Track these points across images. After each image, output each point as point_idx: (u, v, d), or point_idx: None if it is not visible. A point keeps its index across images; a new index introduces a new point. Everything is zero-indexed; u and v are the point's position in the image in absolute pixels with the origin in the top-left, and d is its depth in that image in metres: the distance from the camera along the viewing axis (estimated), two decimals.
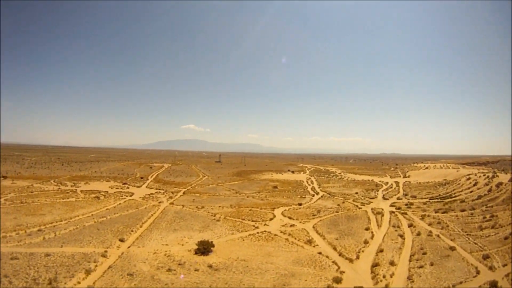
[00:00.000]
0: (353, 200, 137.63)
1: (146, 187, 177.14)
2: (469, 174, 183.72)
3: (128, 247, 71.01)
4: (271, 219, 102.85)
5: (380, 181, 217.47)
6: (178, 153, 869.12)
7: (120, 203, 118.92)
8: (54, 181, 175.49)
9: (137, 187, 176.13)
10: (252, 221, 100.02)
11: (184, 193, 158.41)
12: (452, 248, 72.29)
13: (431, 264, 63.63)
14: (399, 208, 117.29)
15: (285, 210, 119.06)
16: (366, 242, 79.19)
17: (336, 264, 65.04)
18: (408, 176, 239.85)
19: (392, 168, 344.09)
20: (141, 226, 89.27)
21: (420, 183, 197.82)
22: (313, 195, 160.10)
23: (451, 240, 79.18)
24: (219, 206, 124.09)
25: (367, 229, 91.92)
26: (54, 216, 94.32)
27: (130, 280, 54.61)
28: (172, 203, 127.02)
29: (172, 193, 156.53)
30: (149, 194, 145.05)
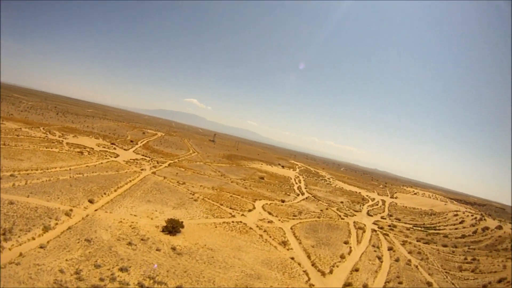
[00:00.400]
0: (337, 209, 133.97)
1: (133, 151, 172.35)
2: (456, 211, 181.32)
3: (95, 210, 67.26)
4: (250, 210, 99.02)
5: (367, 195, 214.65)
6: (175, 125, 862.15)
7: (102, 163, 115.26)
8: (43, 128, 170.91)
9: (124, 149, 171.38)
10: (230, 208, 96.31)
11: (169, 165, 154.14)
12: (429, 284, 68.71)
13: None
14: (381, 228, 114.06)
15: (267, 204, 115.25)
16: (342, 256, 75.51)
17: (307, 274, 60.96)
18: (396, 198, 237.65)
19: (381, 186, 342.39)
20: (115, 190, 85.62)
21: (406, 207, 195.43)
22: (298, 195, 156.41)
23: (429, 274, 75.22)
24: (201, 186, 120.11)
25: (346, 242, 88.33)
26: (31, 163, 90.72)
27: (86, 246, 50.74)
28: (154, 173, 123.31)
29: (158, 162, 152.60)
30: (134, 159, 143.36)
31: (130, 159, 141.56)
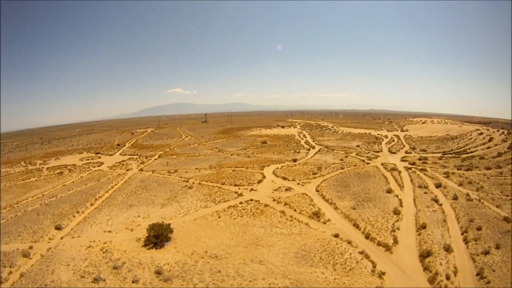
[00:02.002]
0: (357, 154, 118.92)
1: (120, 154, 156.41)
2: (477, 130, 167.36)
3: (62, 238, 52.48)
4: (259, 182, 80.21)
5: (378, 134, 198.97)
6: (165, 118, 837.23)
7: (82, 176, 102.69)
8: (24, 162, 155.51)
9: (110, 155, 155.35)
10: (235, 185, 77.70)
11: (159, 156, 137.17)
12: (507, 219, 50.90)
13: (497, 247, 42.60)
14: (413, 164, 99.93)
15: (277, 168, 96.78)
16: (396, 212, 57.02)
17: (367, 257, 41.52)
18: (406, 130, 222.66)
19: (386, 122, 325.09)
20: (91, 204, 70.78)
21: (422, 137, 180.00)
22: (309, 149, 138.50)
23: (497, 206, 58.62)
24: (196, 168, 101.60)
25: (388, 191, 69.87)
26: (2, 202, 78.33)
27: None
28: (141, 170, 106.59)
29: (146, 157, 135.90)
30: (119, 162, 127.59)
31: (116, 163, 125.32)
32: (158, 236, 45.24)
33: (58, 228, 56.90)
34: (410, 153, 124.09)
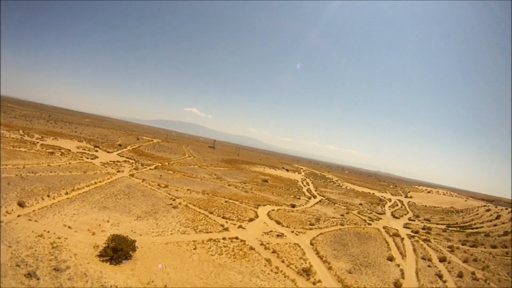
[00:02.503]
0: (359, 213, 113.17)
1: (118, 154, 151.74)
2: (484, 206, 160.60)
3: (18, 216, 47.63)
4: (250, 220, 72.58)
5: (382, 196, 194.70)
6: (175, 134, 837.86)
7: (71, 163, 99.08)
8: (23, 131, 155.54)
9: (108, 152, 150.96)
10: (223, 217, 69.95)
11: (155, 167, 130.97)
12: None
13: None
14: (417, 232, 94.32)
15: (273, 210, 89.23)
16: (398, 285, 49.32)
17: None
18: (410, 197, 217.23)
19: (391, 186, 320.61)
20: (66, 193, 65.39)
21: (426, 206, 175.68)
22: (310, 198, 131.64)
23: None
24: (188, 190, 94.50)
25: (390, 258, 62.44)
26: None
27: None
28: (132, 175, 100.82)
29: (142, 165, 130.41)
30: (114, 161, 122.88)
31: (110, 161, 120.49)
32: (117, 250, 37.90)
33: (20, 204, 52.25)
34: (414, 220, 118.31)
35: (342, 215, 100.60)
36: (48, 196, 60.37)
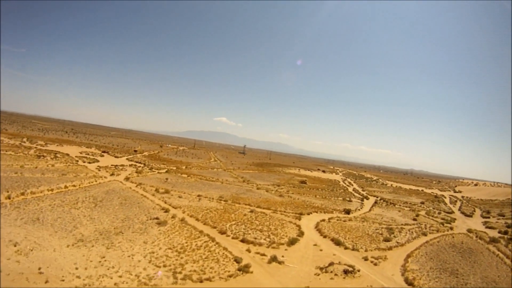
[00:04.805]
0: (427, 214, 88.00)
1: (127, 159, 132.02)
2: None
3: None
4: (291, 242, 43.16)
5: (433, 192, 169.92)
6: (206, 143, 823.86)
7: (54, 165, 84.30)
8: (26, 139, 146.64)
9: (115, 157, 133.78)
10: (243, 241, 40.98)
11: (167, 171, 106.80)
12: None
13: None
14: (505, 233, 70.27)
15: (323, 221, 60.06)
16: None
17: None
18: (459, 191, 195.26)
19: (435, 182, 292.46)
20: (8, 197, 46.65)
21: (482, 199, 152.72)
22: (362, 200, 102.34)
23: None
24: (198, 196, 67.38)
25: None
26: None
27: None
28: (127, 179, 78.07)
29: (151, 168, 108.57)
30: (114, 165, 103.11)
31: (110, 165, 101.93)
32: None
33: None
34: (488, 217, 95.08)
35: (414, 219, 75.34)
36: None
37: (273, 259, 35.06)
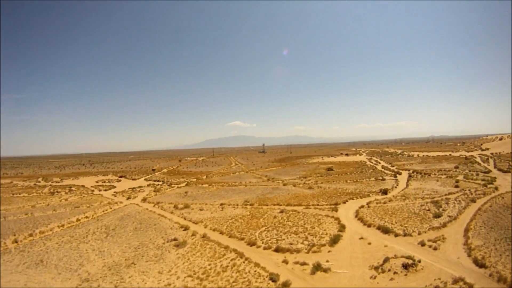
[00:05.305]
0: (465, 178, 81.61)
1: (145, 179, 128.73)
2: None
3: None
4: (333, 241, 36.18)
5: (461, 155, 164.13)
6: (225, 150, 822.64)
7: (67, 199, 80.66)
8: (42, 178, 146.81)
9: (132, 179, 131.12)
10: (277, 250, 34.26)
11: (186, 184, 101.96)
12: None
13: None
14: None
15: (362, 207, 53.34)
16: None
17: None
18: (486, 149, 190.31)
19: (459, 144, 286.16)
20: (15, 241, 42.88)
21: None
22: (395, 175, 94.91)
23: None
24: (221, 204, 61.63)
25: None
26: None
27: None
28: (144, 199, 74.00)
29: (170, 185, 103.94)
30: (131, 188, 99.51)
31: (127, 189, 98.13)
32: None
33: None
34: None
35: (456, 186, 69.50)
36: None
37: (317, 267, 28.60)
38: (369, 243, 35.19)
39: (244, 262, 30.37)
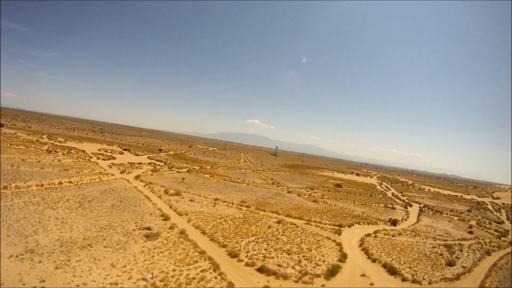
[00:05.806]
0: (478, 224, 75.40)
1: (148, 157, 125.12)
2: None
3: None
4: (331, 272, 30.06)
5: (472, 198, 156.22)
6: (238, 145, 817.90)
7: (60, 160, 78.26)
8: (46, 136, 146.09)
9: (135, 155, 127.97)
10: (261, 270, 28.18)
11: (188, 170, 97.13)
12: None
13: None
14: None
15: (368, 235, 47.12)
16: None
17: None
18: (498, 198, 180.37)
19: (471, 187, 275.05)
20: None
21: None
22: (405, 207, 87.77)
23: None
24: (215, 199, 56.34)
25: None
26: None
27: None
28: (138, 177, 69.86)
29: (171, 167, 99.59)
30: (130, 163, 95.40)
31: (126, 163, 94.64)
32: None
33: None
34: None
35: (470, 232, 63.54)
36: None
37: None
38: (371, 284, 29.17)
39: (215, 278, 24.61)
